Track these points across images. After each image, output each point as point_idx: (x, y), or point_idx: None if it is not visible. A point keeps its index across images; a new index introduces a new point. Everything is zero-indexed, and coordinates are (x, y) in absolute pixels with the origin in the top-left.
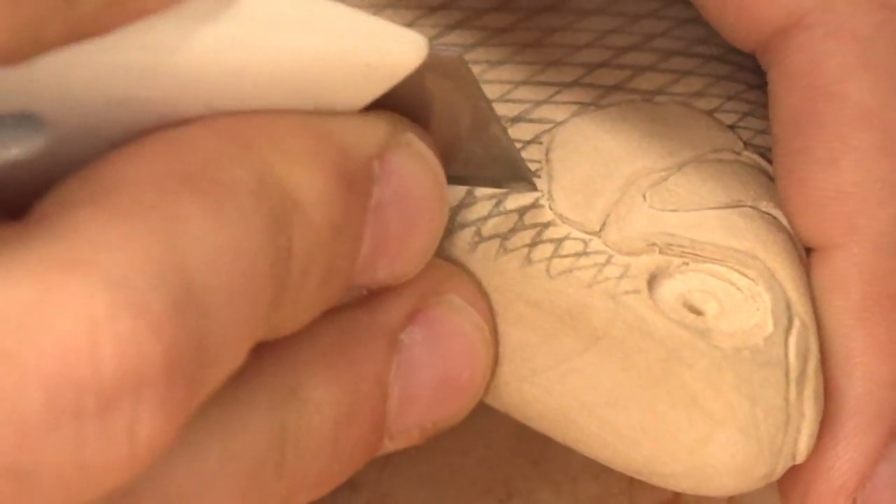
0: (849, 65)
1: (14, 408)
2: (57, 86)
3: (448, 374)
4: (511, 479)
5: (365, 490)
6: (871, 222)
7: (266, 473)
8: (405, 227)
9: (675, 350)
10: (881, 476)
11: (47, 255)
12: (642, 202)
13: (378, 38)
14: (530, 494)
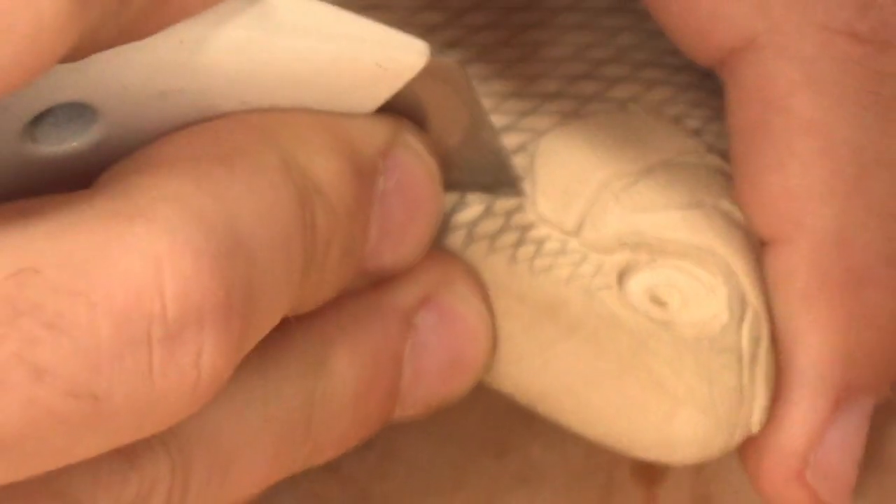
0: (795, 81)
1: (85, 338)
2: (108, 79)
3: (454, 355)
4: (506, 438)
5: (376, 447)
6: (816, 219)
7: (296, 434)
8: (406, 216)
9: (642, 340)
10: (830, 441)
11: (111, 208)
12: (615, 204)
13: (386, 44)
14: (523, 451)
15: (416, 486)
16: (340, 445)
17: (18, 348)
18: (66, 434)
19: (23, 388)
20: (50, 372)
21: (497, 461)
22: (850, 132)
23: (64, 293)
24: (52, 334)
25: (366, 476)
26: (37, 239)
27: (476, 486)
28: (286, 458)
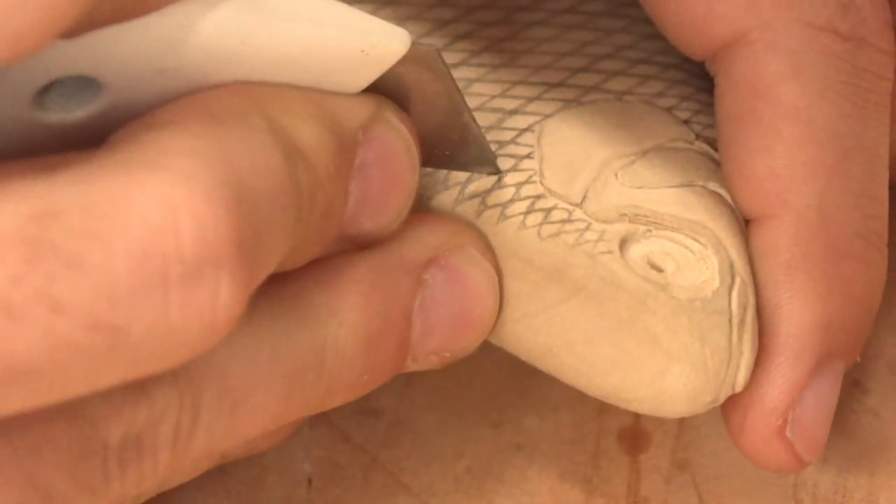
0: (782, 73)
1: (102, 275)
2: (110, 55)
3: (462, 311)
4: (503, 408)
5: (386, 415)
6: (798, 198)
7: (308, 377)
8: (384, 186)
9: (641, 300)
10: (807, 401)
11: (129, 159)
12: (615, 180)
13: (371, 32)
14: (518, 420)
15: (421, 452)
16: (354, 390)
17: (39, 285)
18: (85, 364)
19: (43, 320)
20: (69, 306)
21: (494, 430)
22: (832, 120)
23: (82, 235)
24: (70, 272)
25: (375, 444)
26: (57, 186)
27: (475, 453)
28: (299, 398)
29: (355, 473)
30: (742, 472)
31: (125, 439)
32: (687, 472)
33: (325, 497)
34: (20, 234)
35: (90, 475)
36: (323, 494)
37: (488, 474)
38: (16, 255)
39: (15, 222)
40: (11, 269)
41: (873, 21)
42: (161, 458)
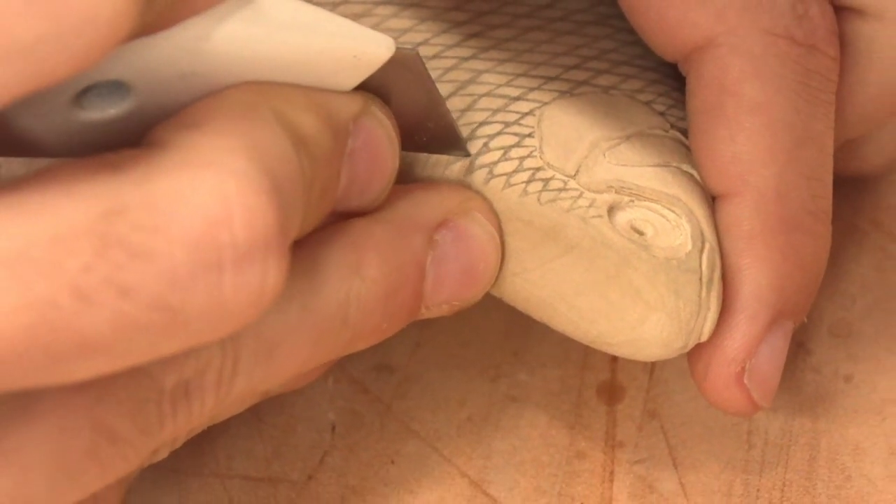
0: (745, 73)
1: (163, 263)
2: (139, 63)
3: (469, 266)
4: (499, 365)
5: (399, 371)
6: (758, 179)
7: (335, 325)
8: (369, 170)
9: (626, 257)
10: (762, 353)
11: (182, 159)
12: (603, 158)
13: (361, 39)
14: (512, 375)
15: (428, 403)
16: (375, 336)
17: (107, 273)
18: (147, 339)
19: (111, 303)
20: (134, 290)
21: (492, 384)
22: (786, 113)
23: (146, 228)
24: (135, 262)
25: (389, 396)
26: (122, 185)
27: (475, 403)
28: (327, 344)
29: (372, 421)
30: (704, 420)
31: (176, 386)
32: (656, 420)
33: (346, 441)
34: (90, 229)
35: (148, 418)
36: (344, 439)
37: (486, 421)
38: (87, 248)
39: (86, 219)
40: (83, 260)
41: (823, 31)
42: (207, 401)
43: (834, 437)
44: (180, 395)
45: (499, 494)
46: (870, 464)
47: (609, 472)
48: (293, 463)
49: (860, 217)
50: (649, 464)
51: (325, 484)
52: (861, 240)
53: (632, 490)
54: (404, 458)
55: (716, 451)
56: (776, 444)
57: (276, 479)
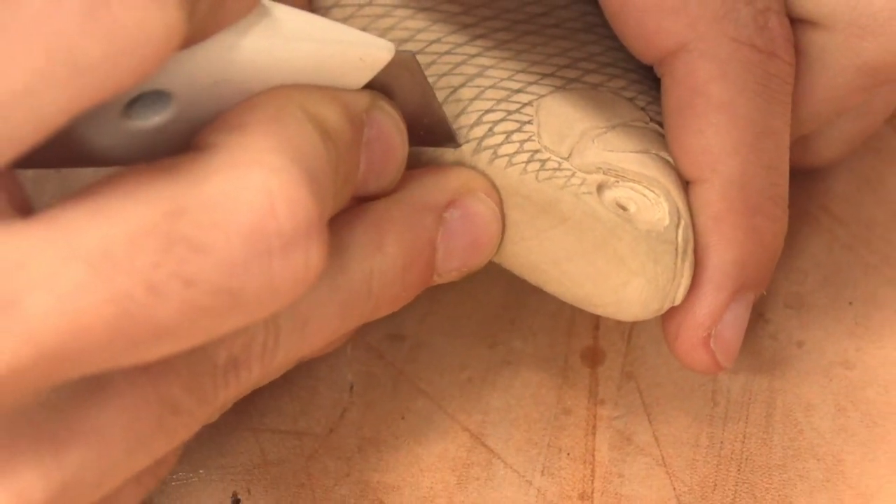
0: (712, 75)
1: (222, 255)
2: (179, 74)
3: (474, 238)
4: (496, 333)
5: (409, 339)
6: (724, 167)
7: (360, 297)
8: (383, 157)
9: (612, 228)
10: (726, 321)
11: (229, 161)
12: (592, 144)
13: (365, 44)
14: (507, 343)
15: (435, 366)
16: (395, 303)
17: (173, 267)
18: (210, 321)
19: (178, 294)
20: (197, 280)
21: (490, 350)
22: (748, 111)
23: (204, 225)
24: (197, 254)
25: (401, 360)
26: (180, 187)
27: (475, 366)
28: (353, 314)
29: (386, 382)
30: (674, 381)
31: (227, 361)
32: (633, 380)
33: (363, 399)
34: (156, 230)
35: (204, 390)
36: (362, 398)
37: (485, 382)
38: (154, 247)
39: (151, 221)
40: (151, 258)
41: (781, 40)
42: (254, 370)
43: (788, 395)
44: (231, 368)
45: (495, 446)
46: (819, 419)
47: (592, 426)
48: (317, 418)
49: (812, 204)
50: (627, 419)
51: (345, 436)
52: (813, 224)
53: (611, 442)
54: (413, 414)
55: (685, 407)
56: (737, 402)
57: (302, 433)
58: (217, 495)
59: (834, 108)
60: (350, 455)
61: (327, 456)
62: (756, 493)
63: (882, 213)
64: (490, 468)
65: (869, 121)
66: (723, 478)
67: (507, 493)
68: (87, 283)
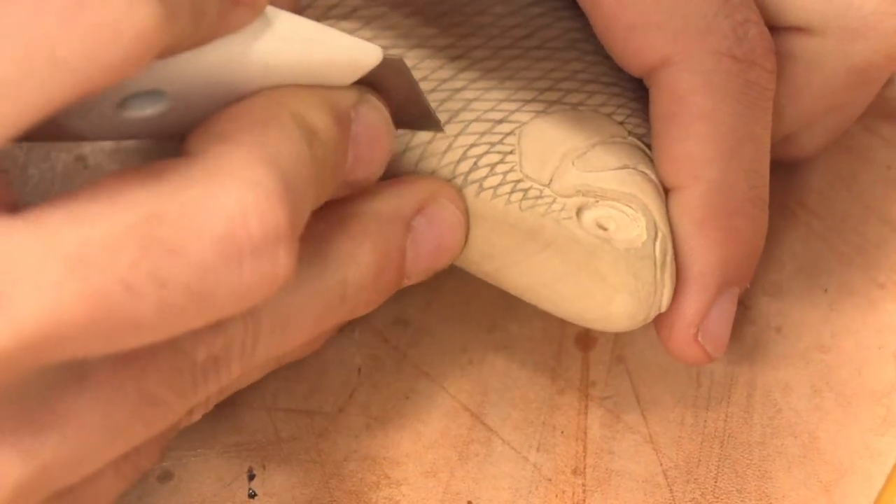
0: (696, 86)
1: (195, 259)
2: (172, 74)
3: (439, 243)
4: (495, 319)
5: (413, 324)
6: (706, 173)
7: (335, 301)
8: (370, 148)
9: (592, 251)
10: (713, 316)
11: (208, 170)
12: (572, 167)
13: (355, 48)
14: (505, 327)
15: (436, 350)
16: (368, 306)
17: (150, 268)
18: (183, 317)
19: (153, 293)
20: (171, 281)
21: (488, 334)
22: (729, 119)
23: (180, 230)
24: (172, 257)
25: (405, 344)
26: (160, 194)
27: (475, 349)
28: (329, 317)
29: (391, 365)
30: (661, 364)
31: (207, 358)
32: (622, 363)
33: (370, 381)
34: (135, 233)
35: (183, 385)
36: (369, 379)
37: (484, 365)
38: (132, 248)
39: (129, 224)
40: (130, 258)
41: (760, 49)
42: (233, 369)
43: (767, 377)
44: (210, 366)
45: (494, 424)
46: (796, 399)
47: (584, 406)
48: (327, 398)
49: (790, 199)
50: (616, 399)
51: (353, 415)
52: (790, 217)
53: (602, 420)
54: (417, 394)
55: (671, 389)
56: (720, 384)
57: (313, 411)
58: (234, 470)
59: (825, 106)
60: (358, 432)
61: (337, 433)
62: (737, 468)
63: (854, 207)
64: (489, 445)
65: (849, 114)
66: (706, 454)
67: (505, 469)
68: (64, 280)
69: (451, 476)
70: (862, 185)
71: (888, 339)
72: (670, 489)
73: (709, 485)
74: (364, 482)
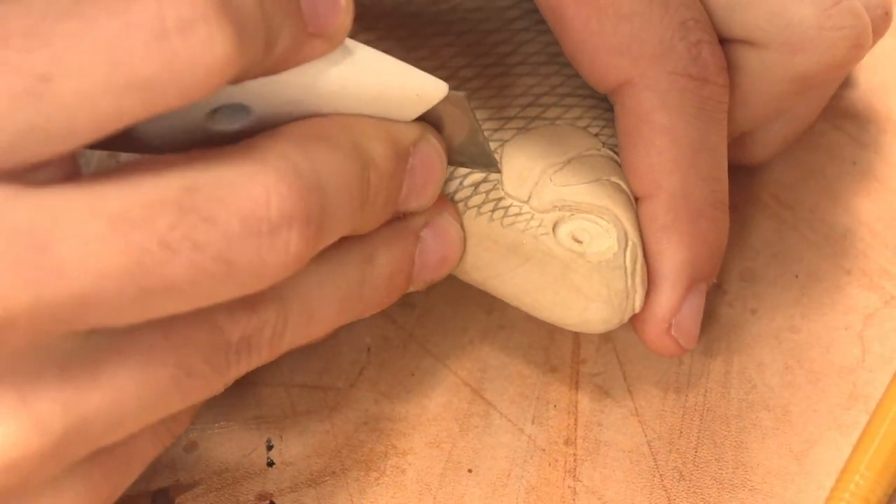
0: (654, 104)
1: (224, 227)
2: (257, 94)
3: (443, 255)
4: (492, 302)
5: (418, 306)
6: (668, 183)
7: (353, 298)
8: (424, 181)
9: (567, 264)
10: (684, 311)
11: (244, 156)
12: (549, 182)
13: (421, 81)
14: (502, 309)
15: (440, 330)
16: (379, 306)
17: (186, 231)
18: (211, 284)
19: (188, 253)
20: (204, 245)
21: (487, 315)
22: (687, 132)
23: (213, 201)
24: (205, 224)
25: (412, 324)
26: (199, 168)
27: (475, 329)
28: (347, 311)
29: (398, 344)
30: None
31: (241, 339)
32: (610, 343)
33: (378, 359)
34: (174, 199)
35: (218, 361)
36: (378, 357)
37: (483, 343)
38: (171, 212)
39: (170, 191)
40: (168, 221)
41: (713, 67)
42: (263, 352)
43: (743, 355)
44: (243, 346)
45: (493, 398)
46: (770, 376)
47: (575, 382)
48: (339, 375)
49: (763, 192)
50: (605, 376)
51: (363, 390)
52: (763, 209)
53: (592, 395)
54: (422, 371)
55: (655, 366)
56: (700, 362)
57: (326, 387)
58: (254, 441)
59: (771, 111)
60: (367, 406)
61: (348, 407)
62: (716, 439)
63: (823, 199)
64: (488, 418)
65: (795, 126)
66: (687, 426)
67: (503, 440)
68: (108, 236)
69: (452, 446)
70: (830, 178)
71: (854, 321)
72: (654, 458)
73: (689, 454)
74: (373, 452)
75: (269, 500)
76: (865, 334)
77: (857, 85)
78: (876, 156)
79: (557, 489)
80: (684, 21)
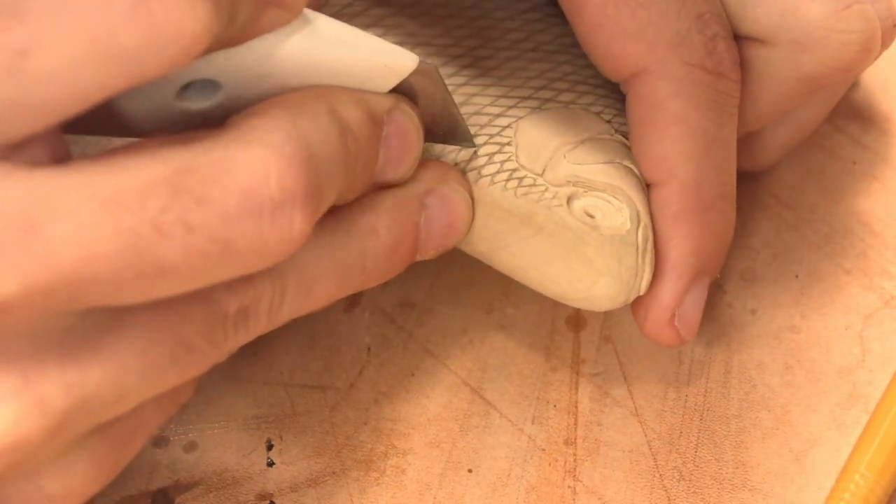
0: (669, 92)
1: (220, 208)
2: (225, 67)
3: (449, 222)
4: (493, 301)
5: (418, 306)
6: (681, 171)
7: (355, 270)
8: (399, 151)
9: (580, 236)
10: (687, 302)
11: (239, 135)
12: (563, 159)
13: (392, 53)
14: (502, 310)
15: (440, 330)
16: (384, 276)
17: (179, 214)
18: (207, 265)
19: (181, 236)
20: (198, 227)
21: (487, 315)
22: (701, 123)
23: (208, 183)
24: (199, 206)
25: (412, 324)
26: (192, 150)
27: (475, 330)
28: (349, 284)
29: (398, 344)
30: (646, 343)
31: (238, 312)
32: (610, 343)
33: (378, 359)
34: (167, 181)
35: (215, 335)
36: (377, 357)
37: (483, 344)
38: (164, 194)
39: (164, 174)
40: (161, 203)
41: (728, 62)
42: (260, 323)
43: (743, 355)
44: (241, 319)
45: (493, 398)
46: (769, 376)
47: (575, 382)
48: (339, 375)
49: (764, 192)
50: (605, 376)
51: (363, 390)
52: (764, 209)
53: (591, 395)
54: (422, 371)
55: (655, 366)
56: (700, 361)
57: (326, 387)
58: (254, 441)
59: (778, 111)
60: (367, 406)
61: (348, 407)
62: (716, 439)
63: (823, 200)
64: (488, 418)
65: (799, 131)
66: (687, 426)
67: (503, 440)
68: (100, 219)
69: (453, 446)
70: (830, 179)
71: (854, 321)
72: (654, 458)
73: (689, 454)
74: (373, 452)
75: (269, 500)
76: (865, 334)
77: (858, 85)
78: (876, 156)
79: (557, 489)
80: (701, 14)
